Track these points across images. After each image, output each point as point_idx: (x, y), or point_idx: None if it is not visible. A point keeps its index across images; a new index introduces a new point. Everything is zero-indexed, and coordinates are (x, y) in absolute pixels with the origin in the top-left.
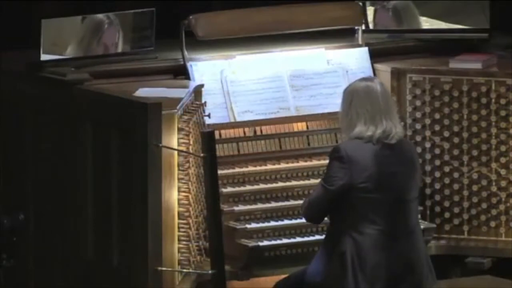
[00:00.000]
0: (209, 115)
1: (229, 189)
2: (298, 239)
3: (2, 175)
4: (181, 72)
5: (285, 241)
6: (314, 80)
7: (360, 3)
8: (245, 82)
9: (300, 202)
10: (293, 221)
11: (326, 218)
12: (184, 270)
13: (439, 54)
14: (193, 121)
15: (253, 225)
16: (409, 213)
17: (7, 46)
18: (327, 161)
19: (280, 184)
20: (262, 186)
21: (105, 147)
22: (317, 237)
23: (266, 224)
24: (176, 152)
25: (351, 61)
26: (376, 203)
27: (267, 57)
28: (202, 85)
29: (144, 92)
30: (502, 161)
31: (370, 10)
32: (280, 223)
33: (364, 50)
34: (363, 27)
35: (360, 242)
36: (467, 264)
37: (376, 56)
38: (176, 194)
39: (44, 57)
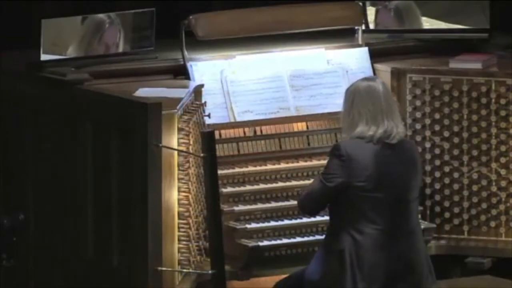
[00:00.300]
0: (209, 115)
1: (229, 189)
2: (298, 239)
3: (2, 175)
4: (181, 72)
5: (285, 241)
6: (314, 80)
7: (360, 3)
8: (245, 82)
9: None
10: (293, 221)
11: (327, 218)
12: (184, 270)
13: (439, 54)
14: (193, 121)
15: (253, 225)
16: (409, 213)
17: (7, 46)
18: (327, 161)
19: (280, 184)
20: (262, 186)
21: (105, 147)
22: (317, 237)
23: (266, 224)
24: (176, 152)
25: (351, 61)
26: (375, 203)
27: (267, 57)
28: (202, 85)
29: (144, 92)
30: (502, 161)
31: (370, 10)
32: (280, 223)
33: (364, 50)
34: (363, 27)
35: (359, 241)
36: (467, 264)
37: (376, 56)
38: (176, 194)
39: (44, 57)
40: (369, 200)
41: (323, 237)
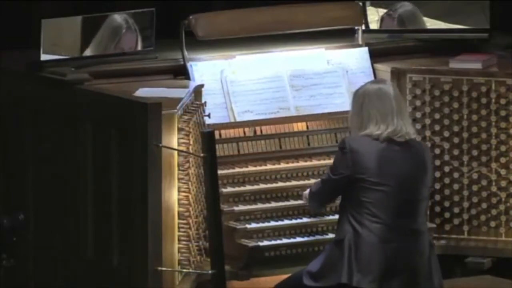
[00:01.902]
0: (209, 115)
1: (229, 189)
2: (298, 239)
3: (2, 175)
4: (181, 72)
5: (285, 241)
6: (314, 80)
7: (360, 3)
8: (245, 82)
9: (300, 202)
10: (293, 221)
11: (328, 218)
12: (184, 270)
13: (439, 54)
14: (193, 121)
15: (253, 225)
16: (416, 212)
17: (7, 46)
18: (327, 161)
19: (280, 184)
20: (262, 186)
21: (105, 147)
22: (317, 237)
23: (266, 224)
24: (176, 152)
25: (351, 61)
26: (379, 197)
27: (267, 57)
28: (202, 85)
29: (144, 92)
30: (502, 161)
31: (370, 10)
32: (280, 223)
33: (364, 50)
34: (363, 27)
35: (360, 233)
36: (467, 264)
37: (376, 56)
38: (176, 194)
39: (44, 57)
40: (372, 193)
41: (323, 237)
